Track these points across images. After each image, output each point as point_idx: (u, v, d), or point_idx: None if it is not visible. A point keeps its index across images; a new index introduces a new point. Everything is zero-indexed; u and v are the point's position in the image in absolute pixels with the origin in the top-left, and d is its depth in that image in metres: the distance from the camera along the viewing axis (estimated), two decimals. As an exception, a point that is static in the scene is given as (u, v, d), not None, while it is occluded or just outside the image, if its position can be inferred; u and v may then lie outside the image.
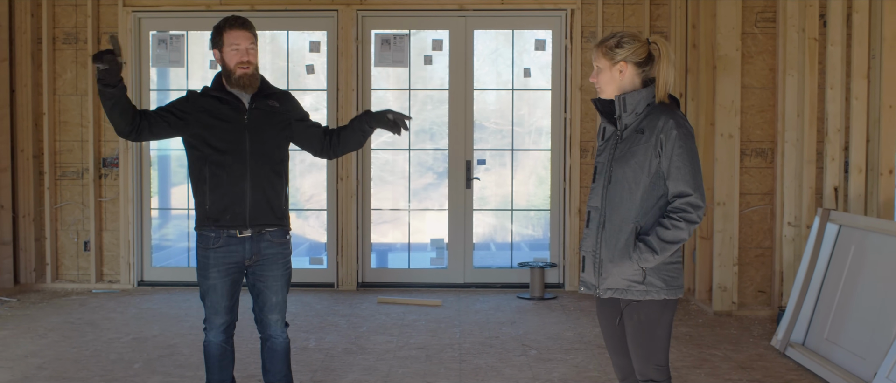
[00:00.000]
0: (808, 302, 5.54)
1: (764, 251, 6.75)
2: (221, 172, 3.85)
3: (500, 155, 7.97)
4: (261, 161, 3.88)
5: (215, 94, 3.90)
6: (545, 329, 6.23)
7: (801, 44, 6.26)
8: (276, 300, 3.97)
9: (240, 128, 3.87)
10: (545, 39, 7.75)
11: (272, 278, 3.95)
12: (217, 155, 3.85)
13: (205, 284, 3.92)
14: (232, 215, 3.85)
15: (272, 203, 3.91)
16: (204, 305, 3.97)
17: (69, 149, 7.68)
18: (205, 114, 3.87)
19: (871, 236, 5.16)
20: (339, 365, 5.27)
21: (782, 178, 6.40)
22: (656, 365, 3.25)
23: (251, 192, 3.86)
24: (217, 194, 3.86)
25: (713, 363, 5.32)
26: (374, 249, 7.96)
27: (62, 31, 7.62)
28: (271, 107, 3.94)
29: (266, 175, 3.90)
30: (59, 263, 7.76)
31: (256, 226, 3.87)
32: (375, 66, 7.77)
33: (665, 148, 3.14)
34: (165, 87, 8.00)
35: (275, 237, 3.93)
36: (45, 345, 5.70)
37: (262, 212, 3.88)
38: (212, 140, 3.86)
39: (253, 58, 3.86)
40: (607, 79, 3.27)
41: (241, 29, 3.84)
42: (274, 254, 3.94)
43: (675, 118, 3.16)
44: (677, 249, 3.19)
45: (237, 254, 3.89)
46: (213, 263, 3.89)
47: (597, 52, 3.29)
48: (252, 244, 3.89)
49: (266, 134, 3.91)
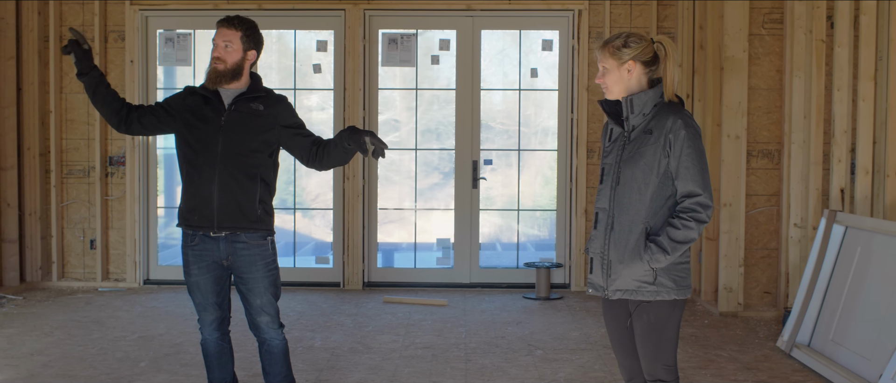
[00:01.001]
0: (814, 303, 5.53)
1: (770, 252, 6.74)
2: (193, 172, 3.85)
3: (506, 155, 7.97)
4: (232, 164, 3.81)
5: (203, 93, 3.90)
6: (551, 329, 6.23)
7: (808, 45, 6.25)
8: (260, 302, 3.91)
9: (215, 129, 3.84)
10: (552, 40, 7.75)
11: (252, 280, 3.89)
12: (192, 154, 3.85)
13: (188, 281, 3.93)
14: (200, 216, 3.83)
15: (243, 206, 3.83)
16: (193, 303, 3.98)
17: (76, 147, 7.70)
18: (188, 112, 3.88)
19: (877, 237, 5.15)
20: (345, 365, 5.28)
21: (789, 180, 6.39)
22: (665, 365, 3.25)
23: (218, 195, 3.81)
24: (188, 194, 3.86)
25: (719, 363, 5.31)
26: (380, 249, 7.96)
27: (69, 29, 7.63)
28: (253, 110, 3.88)
29: (237, 178, 3.82)
30: (65, 261, 7.78)
31: (226, 228, 3.83)
32: (382, 65, 7.78)
33: (674, 148, 3.13)
34: (172, 85, 8.01)
35: (251, 239, 3.86)
36: (50, 343, 5.72)
37: (231, 215, 3.82)
38: (190, 139, 3.86)
39: (228, 55, 3.82)
40: (615, 79, 3.26)
41: (223, 25, 3.84)
42: (250, 256, 3.87)
43: (683, 118, 3.16)
44: (687, 249, 3.19)
45: (213, 252, 3.87)
46: (192, 260, 3.89)
47: (603, 53, 3.27)
48: (226, 244, 3.85)
49: (241, 136, 3.84)
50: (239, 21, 3.86)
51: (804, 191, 6.31)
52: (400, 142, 7.92)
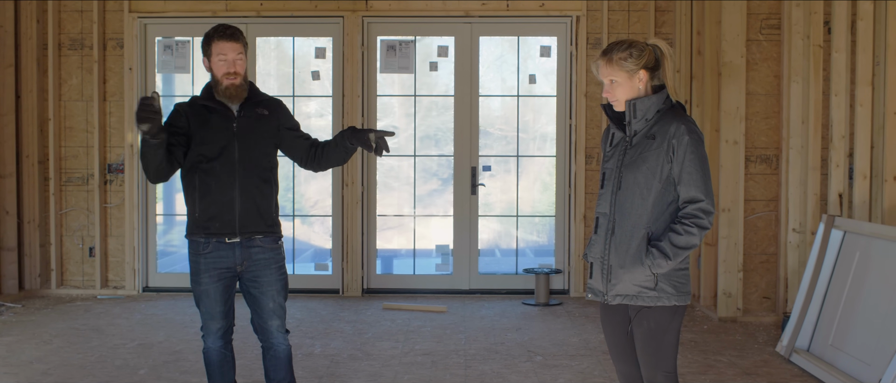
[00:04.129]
0: (813, 308, 5.53)
1: (769, 257, 6.75)
2: (210, 180, 3.85)
3: (504, 161, 7.97)
4: (249, 168, 3.88)
5: (204, 103, 3.90)
6: (550, 335, 6.23)
7: (805, 50, 6.27)
8: (273, 305, 3.96)
9: (229, 135, 3.86)
10: (550, 46, 7.77)
11: (267, 283, 3.93)
12: (206, 163, 3.85)
13: (197, 290, 3.93)
14: (221, 223, 3.85)
15: (262, 210, 3.90)
16: (199, 311, 3.97)
17: (74, 154, 7.70)
18: (195, 122, 3.88)
19: (875, 242, 5.16)
20: (345, 372, 5.28)
21: (787, 185, 6.40)
22: (665, 372, 3.25)
23: (240, 200, 3.86)
24: (206, 202, 3.86)
25: (718, 369, 5.31)
26: (380, 255, 7.96)
27: (68, 36, 7.65)
28: (260, 115, 3.93)
29: (255, 183, 3.89)
30: (64, 269, 7.78)
31: (246, 233, 3.88)
32: (381, 72, 7.78)
33: (677, 153, 3.14)
34: (170, 92, 8.02)
35: (265, 242, 3.93)
36: (50, 351, 5.71)
37: (252, 220, 3.88)
38: (202, 148, 3.86)
39: (240, 68, 3.84)
40: (627, 90, 3.25)
41: (229, 40, 3.81)
42: (265, 260, 3.93)
43: (687, 124, 3.17)
44: (687, 255, 3.20)
45: (227, 259, 3.89)
46: (203, 268, 3.90)
47: (610, 67, 3.24)
48: (242, 250, 3.89)
49: (254, 141, 3.90)
50: (240, 33, 3.87)
51: (802, 196, 6.32)
52: (399, 149, 7.93)
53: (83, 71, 7.65)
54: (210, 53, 3.85)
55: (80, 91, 7.67)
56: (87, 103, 7.66)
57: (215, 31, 3.84)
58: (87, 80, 7.66)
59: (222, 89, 3.85)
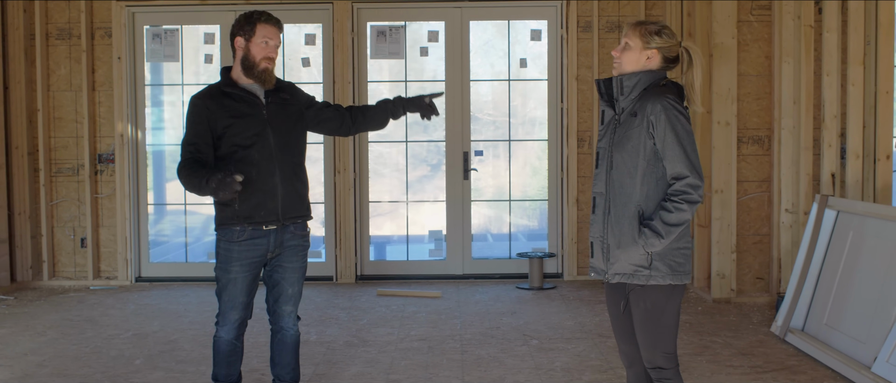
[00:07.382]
0: (807, 287, 5.56)
1: (762, 238, 6.77)
2: (250, 169, 3.81)
3: (495, 146, 7.97)
4: (286, 153, 3.91)
5: (228, 90, 3.86)
6: (545, 318, 6.24)
7: (796, 31, 6.27)
8: (292, 291, 4.03)
9: (261, 122, 3.85)
10: (541, 30, 7.75)
11: (291, 269, 4.00)
12: (242, 151, 3.82)
13: (225, 278, 3.89)
14: (265, 211, 3.86)
15: (302, 194, 3.98)
16: (220, 300, 3.94)
17: (64, 145, 7.65)
18: (222, 113, 3.82)
19: (869, 221, 5.18)
20: (341, 358, 5.27)
21: (779, 165, 6.42)
22: (664, 353, 3.25)
23: (282, 186, 3.88)
24: (247, 191, 3.80)
25: (714, 350, 5.33)
26: (373, 242, 7.96)
27: (55, 26, 7.59)
28: (284, 100, 3.96)
29: (292, 168, 3.94)
30: (56, 260, 7.74)
31: (289, 218, 3.92)
32: (371, 57, 7.76)
33: (657, 130, 3.14)
34: (159, 81, 7.98)
35: (298, 229, 3.99)
36: (44, 343, 5.69)
37: (294, 205, 3.94)
38: (235, 138, 3.81)
39: (276, 55, 3.90)
40: (632, 59, 3.27)
41: (276, 26, 3.87)
42: (295, 246, 3.99)
43: (664, 100, 3.15)
44: (685, 231, 3.20)
45: (261, 246, 3.88)
46: (236, 257, 3.86)
47: (632, 32, 3.27)
48: (276, 236, 3.91)
49: (286, 126, 3.92)
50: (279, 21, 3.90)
51: (795, 176, 6.34)
52: (389, 135, 7.90)
53: (71, 61, 7.60)
54: (253, 34, 3.82)
55: (69, 81, 7.62)
56: (76, 93, 7.60)
57: (261, 14, 3.86)
58: (75, 69, 7.60)
59: (258, 72, 3.84)
